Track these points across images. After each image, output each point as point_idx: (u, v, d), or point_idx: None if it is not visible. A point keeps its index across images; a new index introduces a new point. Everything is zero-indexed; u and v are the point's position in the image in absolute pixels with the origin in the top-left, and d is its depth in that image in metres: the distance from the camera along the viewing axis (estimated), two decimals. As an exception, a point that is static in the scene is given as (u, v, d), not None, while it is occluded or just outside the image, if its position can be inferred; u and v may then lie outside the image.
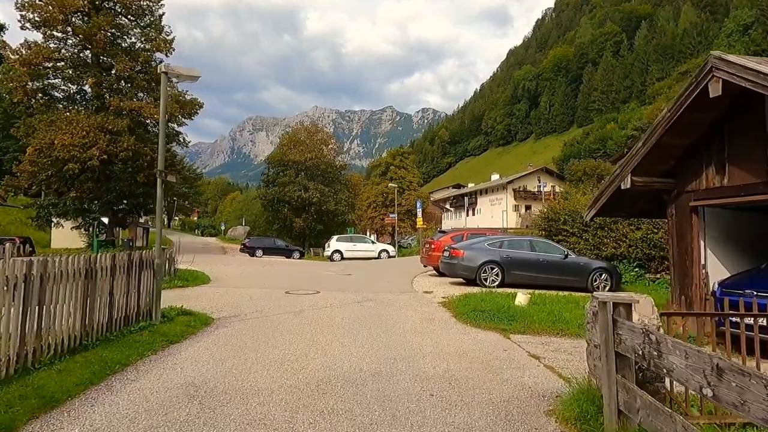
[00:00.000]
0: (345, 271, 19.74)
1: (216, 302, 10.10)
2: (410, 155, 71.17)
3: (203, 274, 15.25)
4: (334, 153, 52.12)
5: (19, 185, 37.21)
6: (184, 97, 38.61)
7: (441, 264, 14.37)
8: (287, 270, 19.90)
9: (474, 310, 8.84)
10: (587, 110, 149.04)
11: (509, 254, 13.32)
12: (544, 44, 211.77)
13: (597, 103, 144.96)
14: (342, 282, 14.93)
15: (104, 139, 34.06)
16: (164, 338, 6.50)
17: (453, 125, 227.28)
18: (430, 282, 15.05)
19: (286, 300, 10.73)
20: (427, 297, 11.70)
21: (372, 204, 62.94)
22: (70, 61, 36.95)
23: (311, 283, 14.61)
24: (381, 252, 30.96)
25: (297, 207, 48.08)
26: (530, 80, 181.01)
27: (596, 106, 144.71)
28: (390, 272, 18.93)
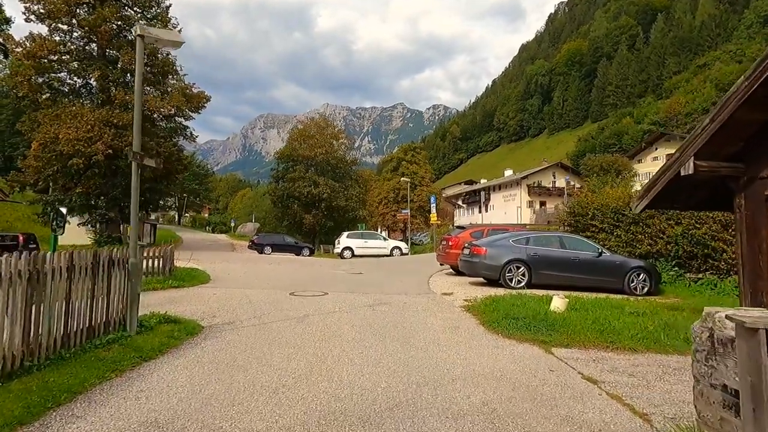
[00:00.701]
0: (355, 269, 18.58)
1: (210, 306, 8.96)
2: (422, 150, 69.87)
3: (203, 273, 14.15)
4: (345, 148, 50.94)
5: (25, 181, 36.51)
6: (191, 90, 37.69)
7: (460, 262, 13.13)
8: (294, 268, 18.78)
9: (506, 317, 7.60)
10: (602, 105, 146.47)
11: (537, 252, 12.05)
12: (557, 39, 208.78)
13: (612, 98, 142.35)
14: (352, 282, 13.75)
15: (109, 133, 33.22)
16: (137, 354, 5.36)
17: (464, 121, 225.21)
18: (449, 282, 13.83)
19: (289, 303, 9.57)
20: (447, 300, 10.48)
21: (383, 200, 61.77)
22: (75, 54, 36.19)
23: (319, 282, 13.46)
24: (393, 249, 29.73)
25: (307, 203, 47.03)
26: (543, 75, 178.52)
27: (611, 101, 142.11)
28: (404, 271, 17.73)
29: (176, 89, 37.26)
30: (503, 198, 77.29)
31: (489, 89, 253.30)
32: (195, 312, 8.20)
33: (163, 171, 36.34)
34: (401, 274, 16.11)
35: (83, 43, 36.64)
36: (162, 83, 38.01)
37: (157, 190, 38.98)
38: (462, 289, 12.03)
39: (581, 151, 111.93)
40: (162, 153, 35.26)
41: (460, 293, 11.34)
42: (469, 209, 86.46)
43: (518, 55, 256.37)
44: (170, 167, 37.29)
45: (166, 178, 38.88)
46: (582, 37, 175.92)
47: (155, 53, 37.87)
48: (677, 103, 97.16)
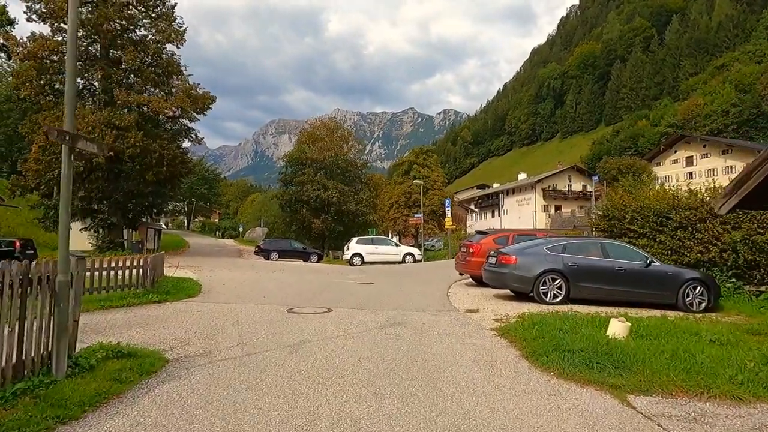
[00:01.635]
0: (365, 278, 16.96)
1: (187, 328, 7.37)
2: (434, 154, 68.24)
3: (194, 284, 12.60)
4: (355, 150, 49.46)
5: (26, 185, 35.40)
6: (195, 91, 36.46)
7: (484, 273, 11.45)
8: (299, 277, 17.21)
9: (555, 348, 5.90)
10: (616, 108, 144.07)
11: (575, 261, 10.33)
12: (569, 42, 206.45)
13: (626, 100, 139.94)
14: (361, 294, 12.13)
15: (111, 134, 32.02)
16: (54, 412, 3.76)
17: (476, 125, 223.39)
18: (471, 295, 12.15)
19: (285, 323, 7.97)
20: (473, 319, 8.80)
21: (394, 204, 60.11)
22: (78, 54, 35.10)
23: (324, 295, 11.86)
24: (405, 256, 28.00)
25: (316, 207, 45.58)
26: (555, 78, 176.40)
27: (625, 104, 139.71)
28: (419, 280, 16.06)
29: (180, 90, 36.05)
30: (517, 202, 75.42)
31: (500, 93, 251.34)
32: (165, 338, 6.62)
33: (167, 174, 35.11)
34: (416, 285, 14.46)
35: (86, 43, 35.61)
36: (166, 84, 36.84)
37: (160, 193, 37.67)
38: (489, 305, 10.35)
39: (596, 155, 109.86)
40: (165, 156, 34.06)
41: (488, 310, 9.67)
42: (481, 214, 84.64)
43: (530, 59, 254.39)
44: (174, 170, 36.04)
45: (170, 181, 37.60)
46: (595, 40, 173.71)
47: (160, 52, 36.74)
48: (695, 104, 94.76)
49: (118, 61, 34.80)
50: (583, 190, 72.58)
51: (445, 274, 17.81)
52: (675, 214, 12.89)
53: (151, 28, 36.06)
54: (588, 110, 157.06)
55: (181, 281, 12.75)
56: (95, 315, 8.15)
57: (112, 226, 36.69)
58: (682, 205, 12.98)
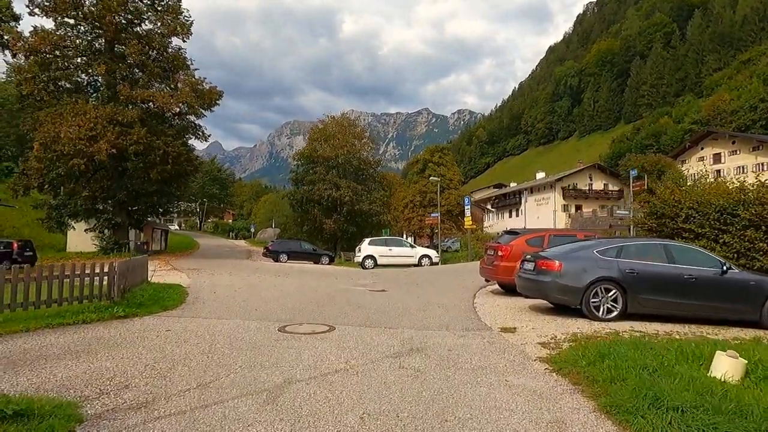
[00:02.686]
0: (378, 284, 15.15)
1: (139, 359, 5.57)
2: (449, 152, 66.25)
3: (178, 292, 10.88)
4: (368, 148, 47.67)
5: (29, 184, 34.21)
6: (202, 86, 34.99)
7: (519, 280, 9.56)
8: (304, 282, 15.44)
9: (653, 403, 4.00)
10: (635, 105, 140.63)
11: (634, 267, 8.38)
12: (586, 39, 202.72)
13: (646, 98, 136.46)
14: (372, 305, 10.29)
15: (113, 131, 30.64)
16: None
17: (491, 125, 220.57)
18: (502, 307, 10.24)
19: (271, 350, 6.17)
20: (512, 342, 6.89)
21: (409, 204, 58.24)
22: (81, 49, 33.92)
23: (329, 306, 10.06)
24: (422, 258, 26.00)
25: (327, 207, 43.89)
26: (573, 76, 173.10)
27: (645, 101, 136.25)
28: (438, 287, 14.19)
29: (186, 84, 34.62)
30: (536, 202, 73.18)
31: (516, 92, 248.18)
32: (100, 376, 4.86)
33: (172, 172, 33.70)
34: (436, 293, 12.59)
35: (91, 37, 34.41)
36: (171, 78, 35.47)
37: (166, 193, 36.28)
38: (527, 321, 8.44)
39: (616, 153, 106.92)
40: (170, 153, 32.64)
41: (527, 328, 7.77)
42: (499, 214, 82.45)
43: (546, 57, 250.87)
44: (180, 168, 34.63)
45: (176, 180, 36.22)
46: (613, 37, 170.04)
47: (165, 46, 35.39)
48: (721, 100, 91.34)
49: (123, 56, 33.48)
50: (605, 188, 70.12)
51: (468, 279, 15.93)
52: (743, 211, 10.87)
53: (156, 21, 34.73)
54: (606, 108, 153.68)
55: (164, 289, 11.03)
56: (32, 337, 6.41)
57: (117, 227, 35.39)
58: (752, 200, 10.96)
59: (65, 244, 38.69)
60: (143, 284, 11.39)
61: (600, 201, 67.63)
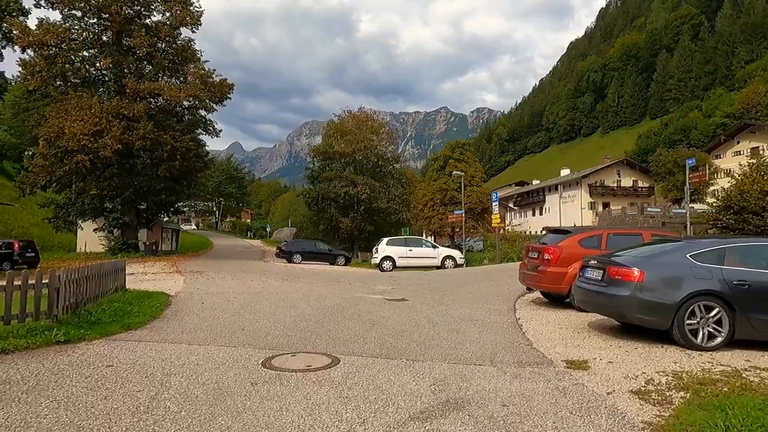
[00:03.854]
0: (397, 290, 13.12)
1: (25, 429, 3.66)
2: (471, 147, 63.87)
3: (156, 303, 8.97)
4: (386, 143, 45.64)
5: (36, 182, 32.94)
6: (212, 78, 33.35)
7: (579, 292, 7.42)
8: (312, 289, 13.48)
9: None
10: (662, 100, 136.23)
11: (746, 278, 6.22)
12: (609, 34, 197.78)
13: (673, 92, 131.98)
14: (390, 322, 8.24)
15: (119, 126, 29.16)
16: None
17: (511, 122, 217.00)
18: (553, 324, 8.10)
19: (241, 404, 4.12)
20: (592, 389, 4.71)
21: (429, 202, 56.07)
22: (89, 42, 32.57)
23: (335, 323, 8.04)
24: (445, 259, 23.63)
25: (344, 205, 41.99)
26: (595, 71, 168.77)
27: (672, 95, 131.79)
28: (469, 295, 12.08)
29: (196, 76, 33.05)
30: (561, 199, 70.38)
31: (536, 88, 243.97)
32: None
33: (181, 168, 32.10)
34: (467, 304, 10.49)
35: (98, 30, 33.06)
36: (180, 71, 33.93)
37: (175, 190, 34.71)
38: (597, 349, 6.28)
39: (643, 149, 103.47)
40: (178, 148, 31.06)
41: (603, 362, 5.62)
42: (521, 212, 79.79)
43: (567, 53, 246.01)
44: (189, 165, 33.02)
45: (185, 177, 34.64)
46: (637, 31, 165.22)
47: (174, 37, 33.89)
48: (755, 92, 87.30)
49: (131, 48, 32.03)
50: (634, 185, 67.15)
51: (501, 285, 13.81)
52: None
53: (165, 11, 33.23)
54: (631, 103, 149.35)
55: (140, 299, 9.14)
56: None
57: (125, 226, 33.97)
58: None
59: (75, 245, 37.33)
60: (117, 293, 9.53)
61: (629, 198, 64.66)
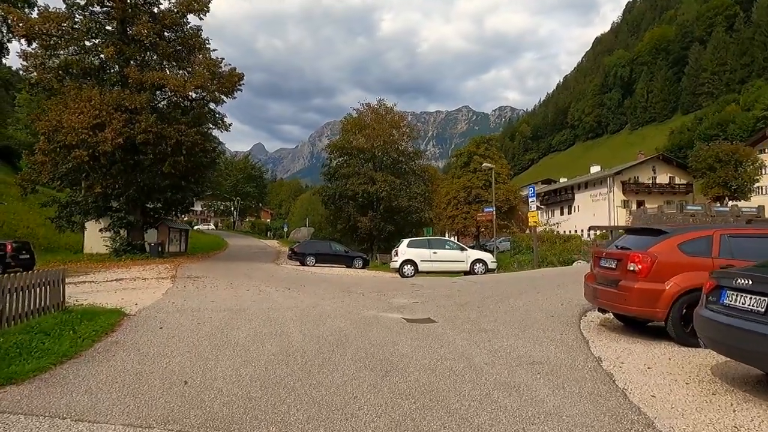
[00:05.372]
0: (420, 306, 10.45)
1: None
2: (496, 143, 60.80)
3: (91, 329, 6.49)
4: (407, 138, 42.99)
5: (37, 180, 31.12)
6: (219, 68, 31.12)
7: (713, 327, 4.60)
8: (315, 303, 10.89)
9: None
10: (694, 94, 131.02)
11: None
12: (636, 28, 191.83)
13: (707, 86, 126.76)
14: (410, 368, 5.49)
15: (120, 119, 27.04)
16: None
17: (535, 120, 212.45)
18: (660, 371, 5.33)
19: None
20: None
21: (452, 200, 53.20)
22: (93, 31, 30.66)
23: (327, 371, 5.36)
24: (474, 263, 20.50)
25: (362, 203, 39.47)
26: (623, 66, 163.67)
27: (706, 89, 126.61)
28: (513, 314, 9.29)
29: (202, 66, 30.86)
30: (591, 197, 66.95)
31: (561, 85, 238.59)
32: None
33: (187, 164, 29.89)
34: (516, 330, 7.74)
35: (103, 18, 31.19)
36: (187, 60, 31.77)
37: (182, 188, 32.56)
38: None
39: (675, 145, 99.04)
40: (183, 142, 28.86)
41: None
42: (549, 211, 76.38)
43: (592, 49, 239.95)
44: (195, 160, 30.85)
45: (192, 173, 32.47)
46: (667, 23, 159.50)
47: (180, 24, 31.79)
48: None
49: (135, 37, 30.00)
50: (671, 182, 63.30)
51: (549, 297, 11.04)
52: None
53: (173, -2, 31.13)
54: (662, 98, 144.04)
55: (71, 324, 6.62)
56: None
57: (130, 226, 31.97)
58: None
59: (82, 246, 35.37)
60: (47, 313, 7.09)
61: (665, 196, 60.94)
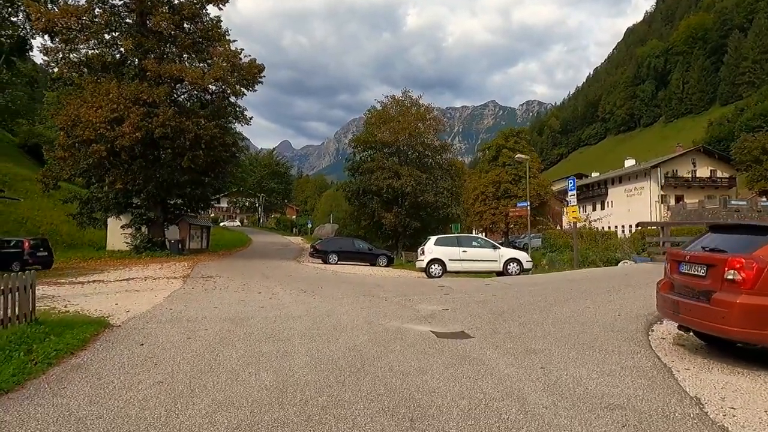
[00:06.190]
0: (451, 314, 9.00)
1: None
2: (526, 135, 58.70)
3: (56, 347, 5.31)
4: (433, 131, 41.43)
5: (59, 176, 30.71)
6: (238, 59, 30.12)
7: None
8: (331, 310, 9.53)
9: None
10: (734, 84, 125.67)
11: None
12: (671, 17, 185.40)
13: (748, 75, 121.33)
14: (443, 414, 4.16)
15: (138, 112, 26.28)
16: None
17: (564, 113, 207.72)
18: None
19: None
20: None
21: (480, 196, 51.43)
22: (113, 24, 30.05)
23: (331, 420, 4.10)
24: (508, 263, 18.66)
25: (387, 199, 38.12)
26: (657, 56, 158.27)
27: (747, 78, 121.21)
28: (562, 325, 7.74)
29: (222, 57, 29.92)
30: (626, 192, 64.25)
31: (591, 78, 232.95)
32: None
33: (206, 159, 29.02)
34: (574, 352, 6.21)
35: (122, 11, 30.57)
36: (206, 52, 30.87)
37: (201, 183, 31.73)
38: None
39: (714, 138, 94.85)
40: (202, 136, 27.96)
41: None
42: (580, 207, 73.42)
43: (624, 39, 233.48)
44: (215, 154, 29.94)
45: (212, 168, 31.60)
46: (704, 11, 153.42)
47: (200, 15, 30.93)
48: None
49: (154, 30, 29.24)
50: (712, 176, 60.19)
51: (601, 304, 9.45)
52: None
53: (190, -15, 30.28)
54: (698, 89, 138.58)
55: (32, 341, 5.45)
56: None
57: (151, 222, 31.33)
58: None
59: (106, 242, 34.88)
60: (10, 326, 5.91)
61: (705, 190, 57.93)
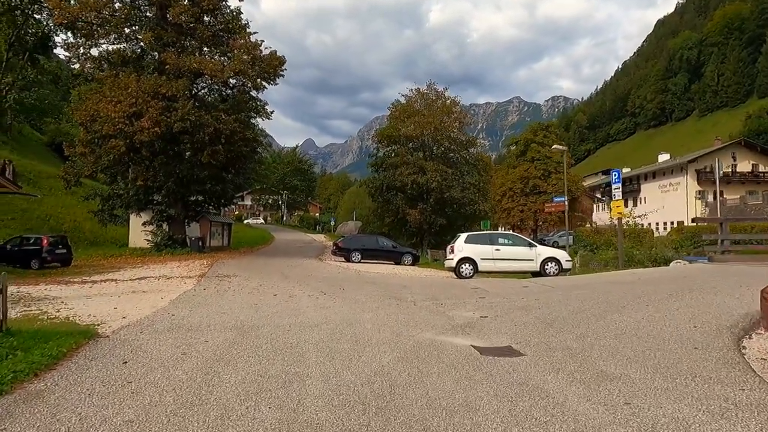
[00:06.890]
0: (492, 323, 7.76)
1: None
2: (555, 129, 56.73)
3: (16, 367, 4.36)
4: (459, 124, 40.02)
5: (80, 172, 30.29)
6: (259, 51, 29.29)
7: None
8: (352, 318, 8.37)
9: None
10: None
11: None
12: (704, 7, 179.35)
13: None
14: None
15: (157, 106, 25.62)
16: None
17: (591, 109, 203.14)
18: None
19: None
20: None
21: (507, 192, 49.82)
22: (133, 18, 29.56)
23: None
24: (546, 262, 17.18)
25: (412, 195, 36.92)
26: (690, 48, 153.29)
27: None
28: (628, 339, 6.47)
29: (242, 49, 29.14)
30: (660, 188, 61.78)
31: (619, 71, 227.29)
32: None
33: (226, 154, 28.25)
34: (657, 378, 4.98)
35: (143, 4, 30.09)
36: (225, 44, 30.13)
37: (222, 179, 31.01)
38: None
39: (752, 131, 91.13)
40: (222, 131, 27.20)
41: None
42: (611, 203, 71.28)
43: (654, 32, 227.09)
44: (235, 150, 29.16)
45: (232, 164, 30.87)
46: (741, 0, 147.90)
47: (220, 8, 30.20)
48: None
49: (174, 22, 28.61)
50: (754, 170, 57.32)
51: (666, 311, 8.07)
52: None
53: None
54: (734, 81, 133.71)
55: None
56: None
57: (171, 220, 30.78)
58: None
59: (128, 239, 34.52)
60: None
61: (747, 186, 55.18)
